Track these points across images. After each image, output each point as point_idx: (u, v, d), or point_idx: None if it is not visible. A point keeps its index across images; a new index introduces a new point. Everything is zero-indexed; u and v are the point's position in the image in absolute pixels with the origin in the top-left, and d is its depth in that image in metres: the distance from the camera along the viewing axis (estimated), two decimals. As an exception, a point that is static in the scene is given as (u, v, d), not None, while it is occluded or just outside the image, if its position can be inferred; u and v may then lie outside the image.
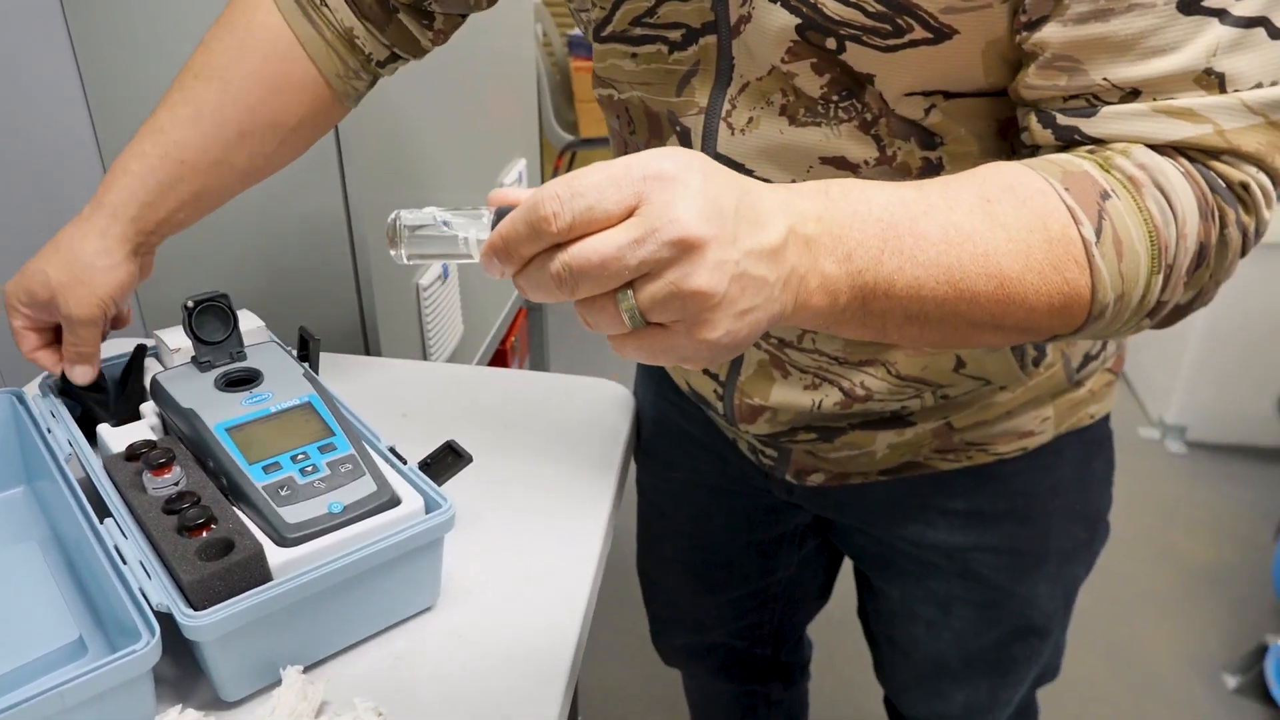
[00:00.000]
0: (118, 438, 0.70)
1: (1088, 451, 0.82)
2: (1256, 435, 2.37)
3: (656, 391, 0.96)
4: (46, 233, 0.76)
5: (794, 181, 0.61)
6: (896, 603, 0.91)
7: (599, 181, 0.41)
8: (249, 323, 0.78)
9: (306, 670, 0.61)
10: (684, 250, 0.40)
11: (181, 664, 0.62)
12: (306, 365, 0.76)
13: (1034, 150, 0.56)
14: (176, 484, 0.64)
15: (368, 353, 1.21)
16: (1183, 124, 0.50)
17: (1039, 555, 0.83)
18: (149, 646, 0.54)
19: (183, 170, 0.73)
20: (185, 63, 0.75)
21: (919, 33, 0.55)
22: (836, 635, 1.23)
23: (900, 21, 0.54)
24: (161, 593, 0.56)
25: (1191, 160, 0.51)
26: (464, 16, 0.81)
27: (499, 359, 1.85)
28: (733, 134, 0.64)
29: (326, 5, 0.73)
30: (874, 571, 0.93)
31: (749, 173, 0.64)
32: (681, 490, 0.99)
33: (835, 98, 0.60)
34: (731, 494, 0.95)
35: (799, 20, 0.57)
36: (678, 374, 0.86)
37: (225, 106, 0.73)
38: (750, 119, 0.63)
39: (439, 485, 0.67)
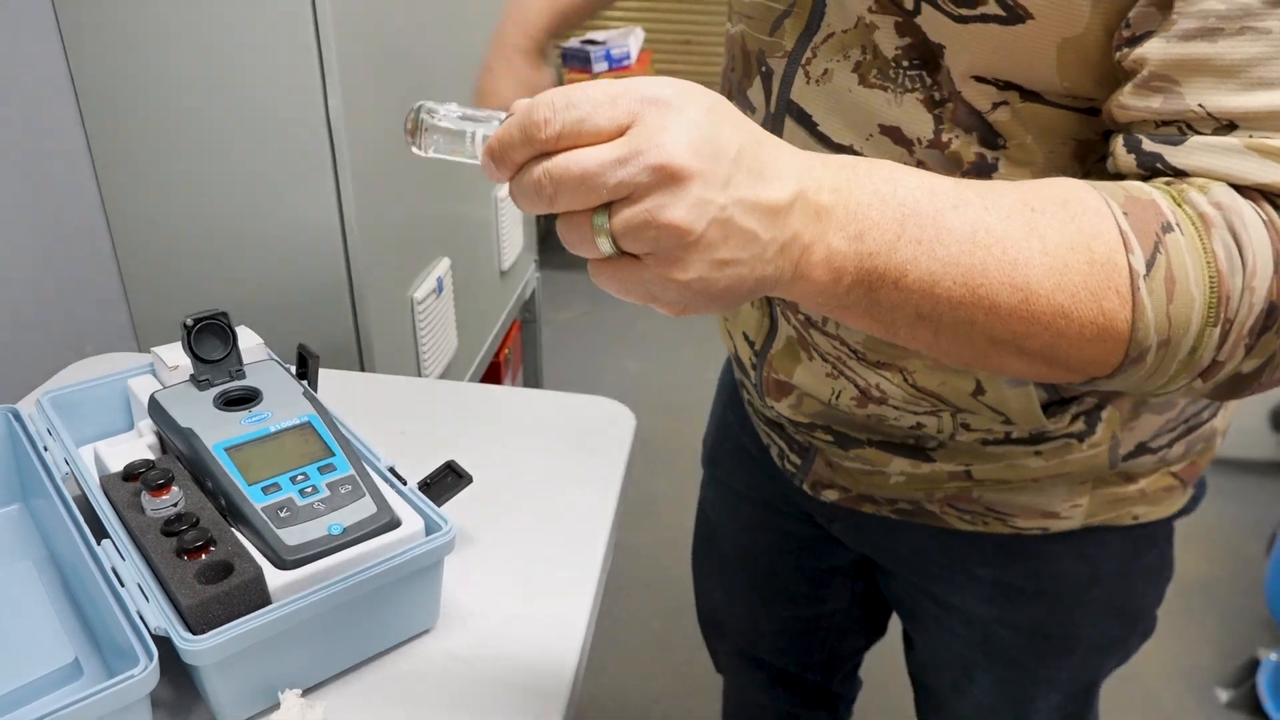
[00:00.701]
0: (115, 456, 0.69)
1: (1136, 547, 0.76)
2: (1248, 449, 2.38)
3: (726, 402, 0.98)
4: (37, 233, 0.75)
5: (853, 147, 0.61)
6: (924, 654, 0.90)
7: (595, 96, 0.40)
8: (248, 340, 0.78)
9: (305, 693, 0.61)
10: (665, 179, 0.39)
11: (179, 686, 0.62)
12: (305, 383, 0.75)
13: (1116, 178, 0.51)
14: (175, 505, 0.63)
15: (361, 366, 1.21)
16: (1276, 167, 0.45)
17: (1067, 643, 0.79)
18: (146, 671, 0.53)
19: None
20: None
21: (993, 7, 0.52)
22: (884, 672, 1.21)
23: None
24: (159, 616, 0.56)
25: (1278, 209, 0.45)
26: None
27: (492, 371, 1.85)
28: (808, 82, 0.62)
29: None
30: (905, 620, 0.92)
31: (815, 125, 0.63)
32: (737, 501, 0.99)
33: (906, 64, 0.58)
34: (780, 513, 0.94)
35: None
36: (727, 339, 0.84)
37: None
38: (826, 70, 0.61)
39: (439, 506, 0.67)
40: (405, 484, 0.68)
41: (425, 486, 0.70)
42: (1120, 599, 0.78)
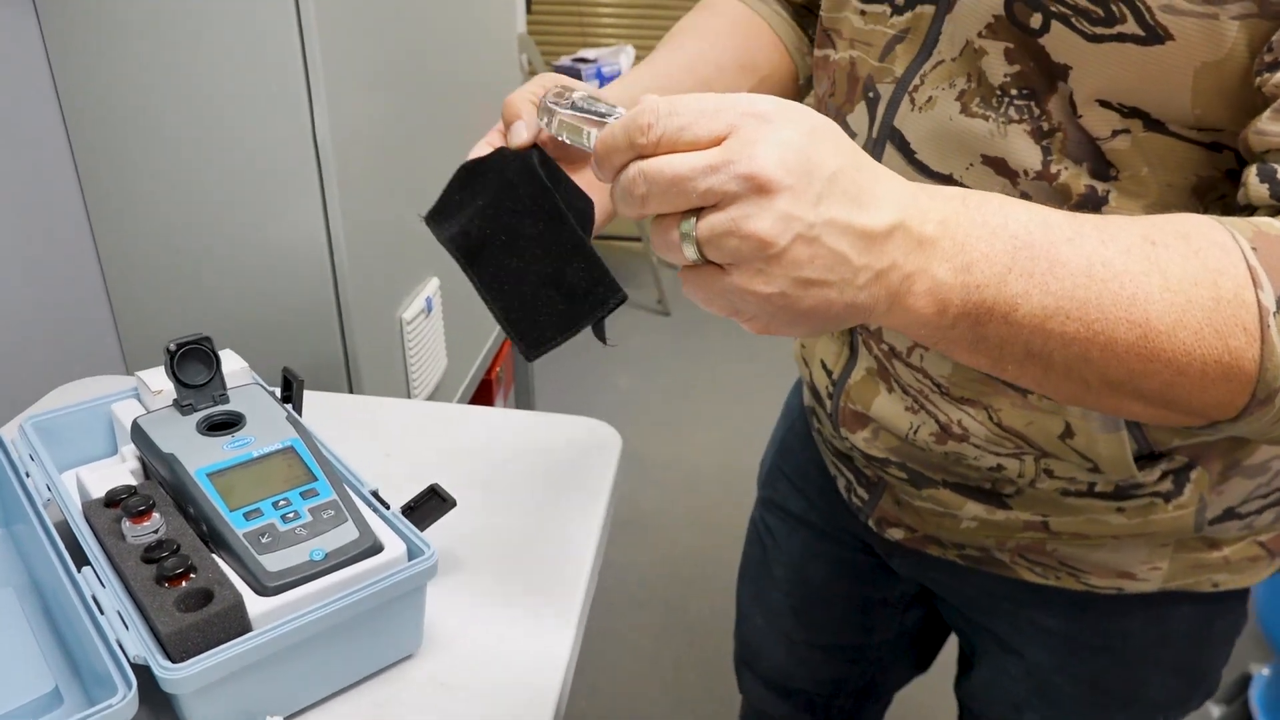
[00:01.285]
0: (98, 482, 0.69)
1: (1211, 612, 0.74)
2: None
3: (790, 427, 0.97)
4: (23, 256, 0.75)
5: (953, 176, 0.60)
6: (977, 684, 0.88)
7: (698, 106, 0.41)
8: (232, 363, 0.78)
9: (286, 720, 0.61)
10: (753, 189, 0.39)
11: (159, 714, 0.61)
12: (289, 407, 0.75)
13: (1247, 212, 0.49)
14: (156, 531, 0.63)
15: (350, 387, 1.21)
16: None
17: (1127, 698, 0.78)
18: (125, 700, 0.53)
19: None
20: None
21: (1131, 26, 0.50)
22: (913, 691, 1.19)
23: (1115, 8, 0.50)
24: (139, 644, 0.56)
25: None
26: None
27: (484, 390, 1.85)
28: (912, 109, 0.61)
29: None
30: (964, 646, 0.91)
31: (913, 152, 0.62)
32: (793, 525, 0.98)
33: (1014, 92, 0.56)
34: (836, 541, 0.93)
35: None
36: (802, 367, 0.84)
37: (707, 51, 0.75)
38: (930, 98, 0.60)
39: (422, 530, 0.67)
40: (388, 508, 0.68)
41: (408, 511, 0.70)
42: (1189, 660, 0.76)
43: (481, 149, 0.64)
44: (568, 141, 0.53)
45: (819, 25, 0.72)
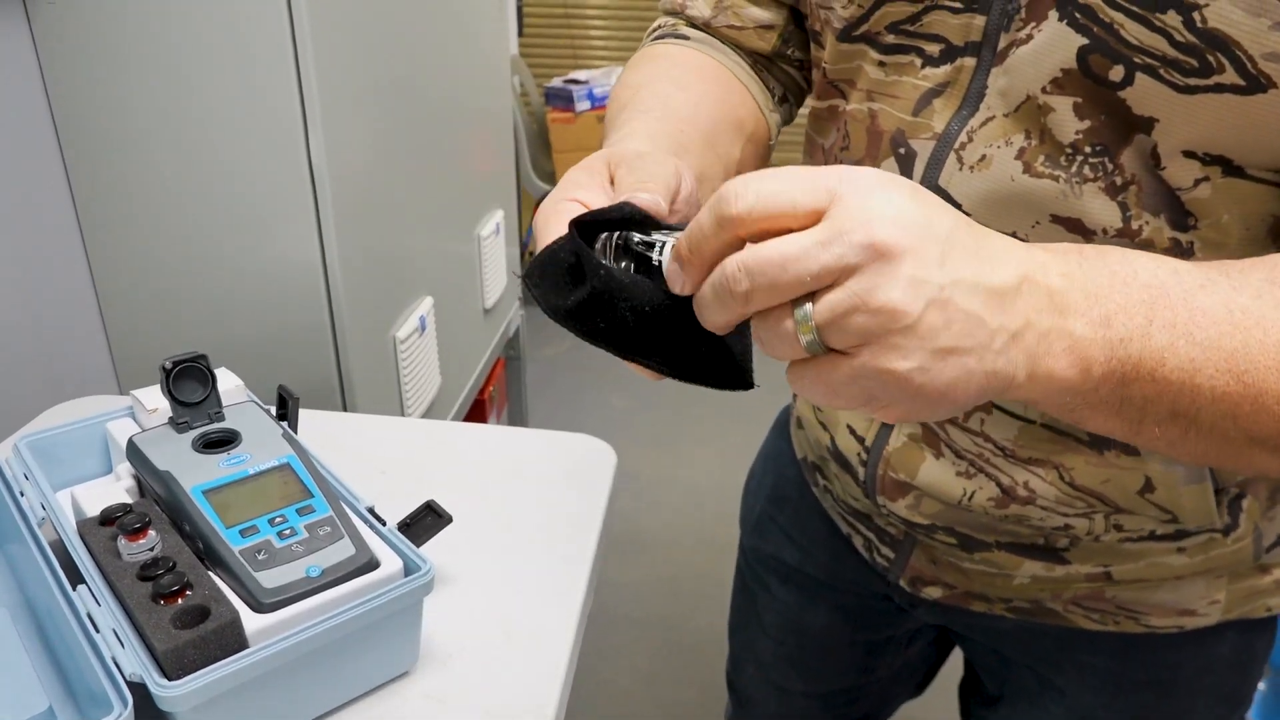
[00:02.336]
0: (93, 500, 0.69)
1: (1253, 635, 0.73)
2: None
3: (781, 474, 0.92)
4: (16, 274, 0.76)
5: (1015, 233, 0.55)
6: (1002, 717, 0.85)
7: (788, 174, 0.37)
8: (227, 381, 0.78)
9: (282, 739, 0.60)
10: (874, 257, 0.35)
11: (154, 734, 0.61)
12: (285, 425, 0.75)
13: None
14: (152, 549, 0.63)
15: (344, 405, 1.21)
16: None
17: None
18: (121, 718, 0.53)
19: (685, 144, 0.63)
20: (619, 93, 0.71)
21: (1230, 76, 0.47)
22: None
23: (1211, 59, 0.47)
24: (135, 662, 0.56)
25: None
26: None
27: (477, 409, 1.85)
28: (960, 168, 0.57)
29: (729, 49, 0.73)
30: (990, 682, 0.86)
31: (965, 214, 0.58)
32: (785, 574, 0.93)
33: (1087, 149, 0.53)
34: (837, 589, 0.89)
35: (1086, 41, 0.50)
36: (818, 431, 0.78)
37: (699, 105, 0.67)
38: (983, 156, 0.56)
39: (418, 546, 0.67)
40: (384, 524, 0.68)
41: (405, 527, 0.70)
42: (1232, 685, 0.75)
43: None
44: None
45: (820, 76, 0.69)
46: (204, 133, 1.06)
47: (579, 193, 0.50)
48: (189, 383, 0.72)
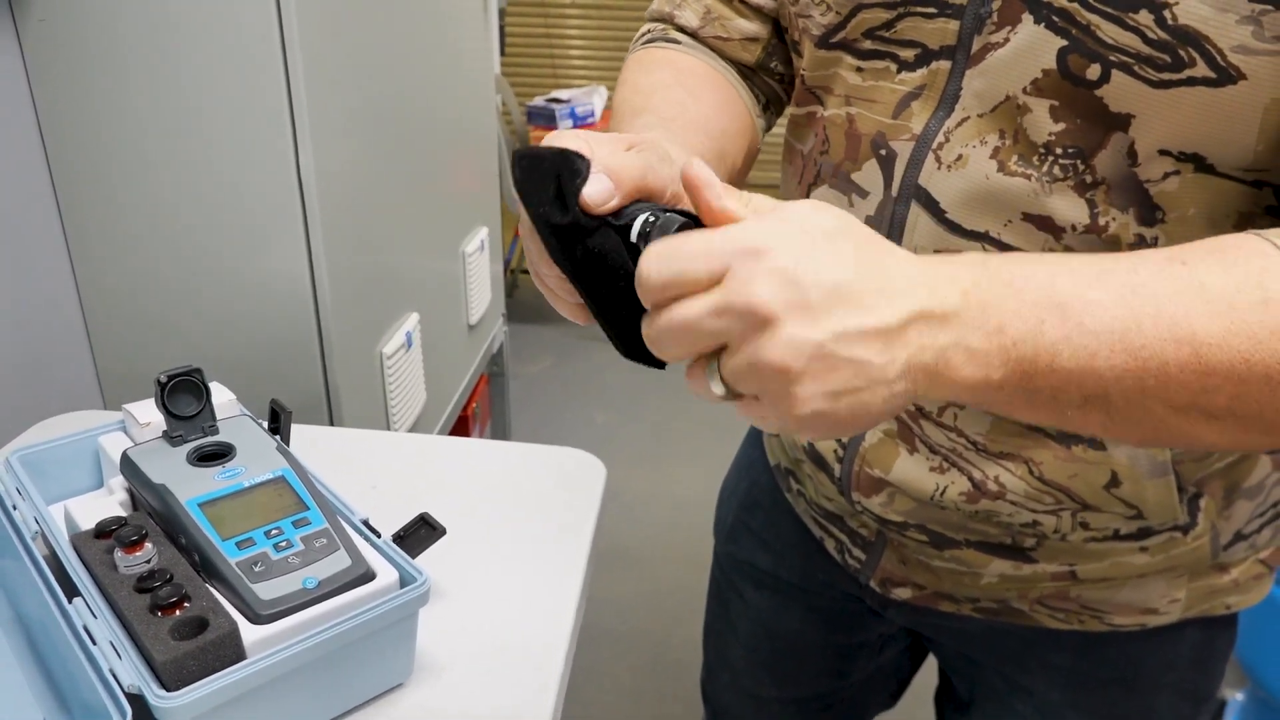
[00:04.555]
0: (86, 514, 0.69)
1: (1214, 632, 0.75)
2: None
3: (754, 480, 0.94)
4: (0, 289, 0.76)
5: (988, 234, 0.59)
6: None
7: (694, 249, 0.42)
8: (221, 396, 0.78)
9: (279, 750, 0.61)
10: (756, 324, 0.41)
11: (149, 747, 0.61)
12: (278, 438, 0.76)
13: None
14: (148, 561, 0.63)
15: (331, 421, 1.21)
16: None
17: None
18: (120, 730, 0.53)
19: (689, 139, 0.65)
20: (624, 94, 0.71)
21: (1201, 69, 0.49)
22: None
23: (1183, 53, 0.49)
24: (133, 673, 0.56)
25: None
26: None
27: (461, 425, 1.85)
28: (939, 167, 0.60)
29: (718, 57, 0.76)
30: (961, 685, 0.88)
31: (942, 212, 0.60)
32: (758, 579, 0.94)
33: (1059, 151, 0.55)
34: (810, 592, 0.91)
35: (1065, 43, 0.52)
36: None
37: (707, 112, 0.70)
38: (960, 156, 0.59)
39: (413, 558, 0.67)
40: (379, 536, 0.68)
41: (399, 539, 0.70)
42: (1195, 682, 0.77)
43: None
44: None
45: (800, 83, 0.71)
46: (193, 149, 1.06)
47: (594, 137, 0.52)
48: (183, 396, 0.72)
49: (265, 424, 0.78)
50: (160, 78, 1.03)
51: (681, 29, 0.77)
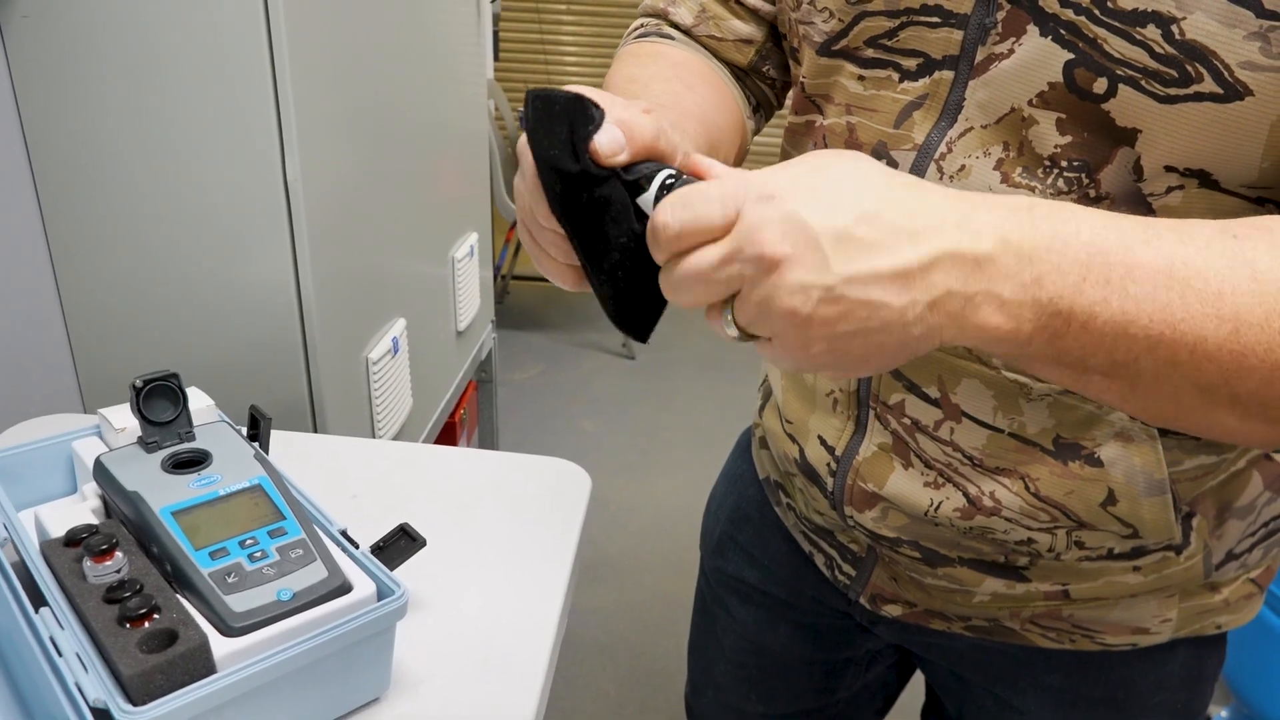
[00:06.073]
0: (57, 521, 0.68)
1: (1204, 652, 0.75)
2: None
3: (743, 494, 0.93)
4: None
5: None
6: None
7: (708, 194, 0.42)
8: (199, 401, 0.77)
9: (249, 766, 0.59)
10: (765, 268, 0.41)
11: (116, 761, 0.59)
12: (257, 445, 0.74)
13: None
14: (118, 571, 0.62)
15: (314, 427, 1.19)
16: None
17: None
18: (84, 745, 0.52)
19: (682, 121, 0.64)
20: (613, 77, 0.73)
21: (1208, 85, 0.49)
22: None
23: (1190, 69, 0.49)
24: (99, 687, 0.54)
25: None
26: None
27: (447, 432, 1.84)
28: (941, 178, 0.59)
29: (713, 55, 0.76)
30: (949, 703, 0.87)
31: None
32: (745, 594, 0.93)
33: (1064, 164, 0.55)
34: (798, 609, 0.89)
35: (1071, 56, 0.52)
36: (786, 444, 0.78)
37: (704, 107, 0.69)
38: (962, 167, 0.58)
39: (391, 570, 0.66)
40: (357, 547, 0.67)
41: (378, 550, 0.69)
42: (1184, 701, 0.77)
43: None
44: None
45: (799, 91, 0.70)
46: (178, 151, 1.05)
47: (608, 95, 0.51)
48: (159, 402, 0.71)
49: (244, 430, 0.77)
50: (146, 79, 1.02)
51: (675, 25, 0.77)
